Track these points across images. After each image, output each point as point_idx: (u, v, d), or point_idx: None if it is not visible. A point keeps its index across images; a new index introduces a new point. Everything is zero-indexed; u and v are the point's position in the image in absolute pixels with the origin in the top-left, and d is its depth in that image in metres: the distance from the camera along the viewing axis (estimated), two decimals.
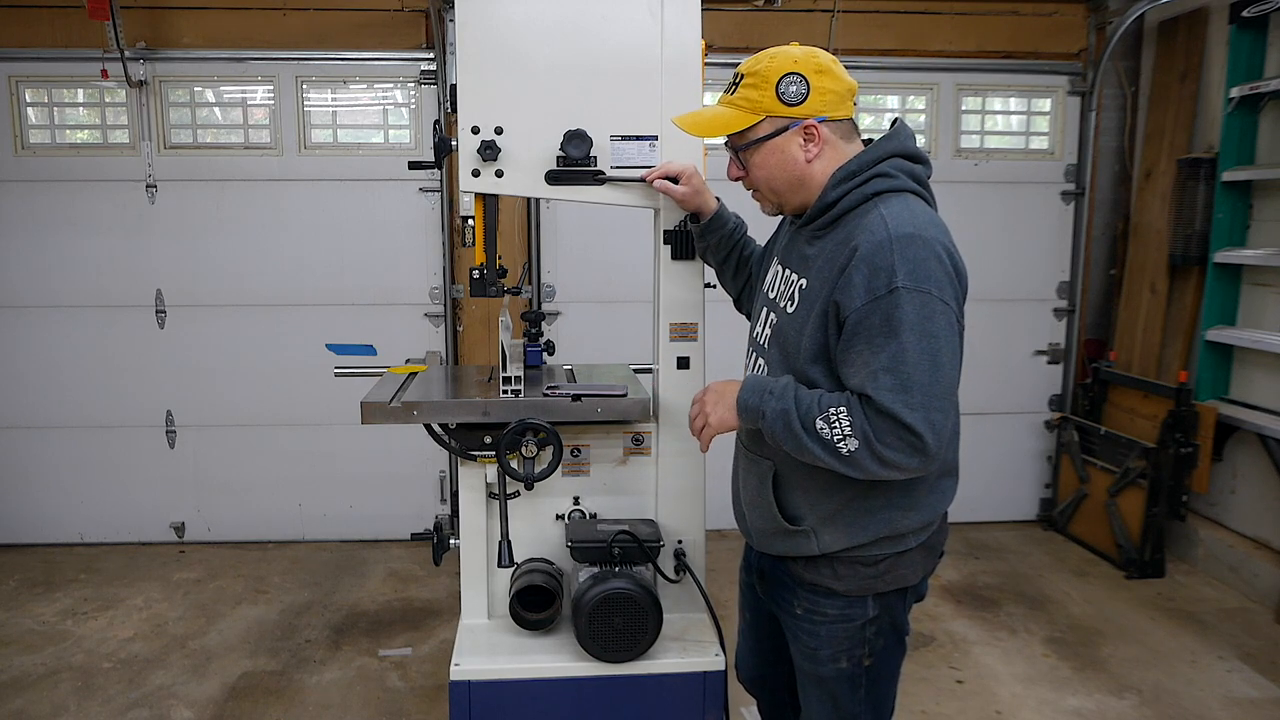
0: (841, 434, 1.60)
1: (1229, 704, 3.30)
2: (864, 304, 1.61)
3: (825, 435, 1.62)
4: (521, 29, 2.12)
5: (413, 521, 4.28)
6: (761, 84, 1.74)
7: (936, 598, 4.16)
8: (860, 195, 1.71)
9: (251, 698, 3.33)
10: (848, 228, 1.71)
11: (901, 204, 1.69)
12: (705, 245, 2.21)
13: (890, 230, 1.62)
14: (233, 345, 4.76)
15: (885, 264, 1.60)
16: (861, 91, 5.43)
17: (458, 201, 4.53)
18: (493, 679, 2.13)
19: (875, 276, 1.60)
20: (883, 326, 1.59)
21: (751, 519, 1.94)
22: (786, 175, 1.78)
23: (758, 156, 1.79)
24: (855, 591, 1.80)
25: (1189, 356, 4.62)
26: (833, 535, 1.78)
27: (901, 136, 1.77)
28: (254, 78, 4.67)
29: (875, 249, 1.61)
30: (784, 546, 1.85)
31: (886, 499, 1.75)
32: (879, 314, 1.59)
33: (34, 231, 4.64)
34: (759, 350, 1.93)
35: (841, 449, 1.61)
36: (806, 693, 1.94)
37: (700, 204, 2.16)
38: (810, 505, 1.80)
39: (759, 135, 1.77)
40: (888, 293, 1.58)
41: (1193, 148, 4.64)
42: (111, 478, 4.82)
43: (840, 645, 1.83)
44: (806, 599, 1.84)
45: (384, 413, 2.17)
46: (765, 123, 1.76)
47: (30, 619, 3.96)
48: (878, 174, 1.72)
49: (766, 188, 1.83)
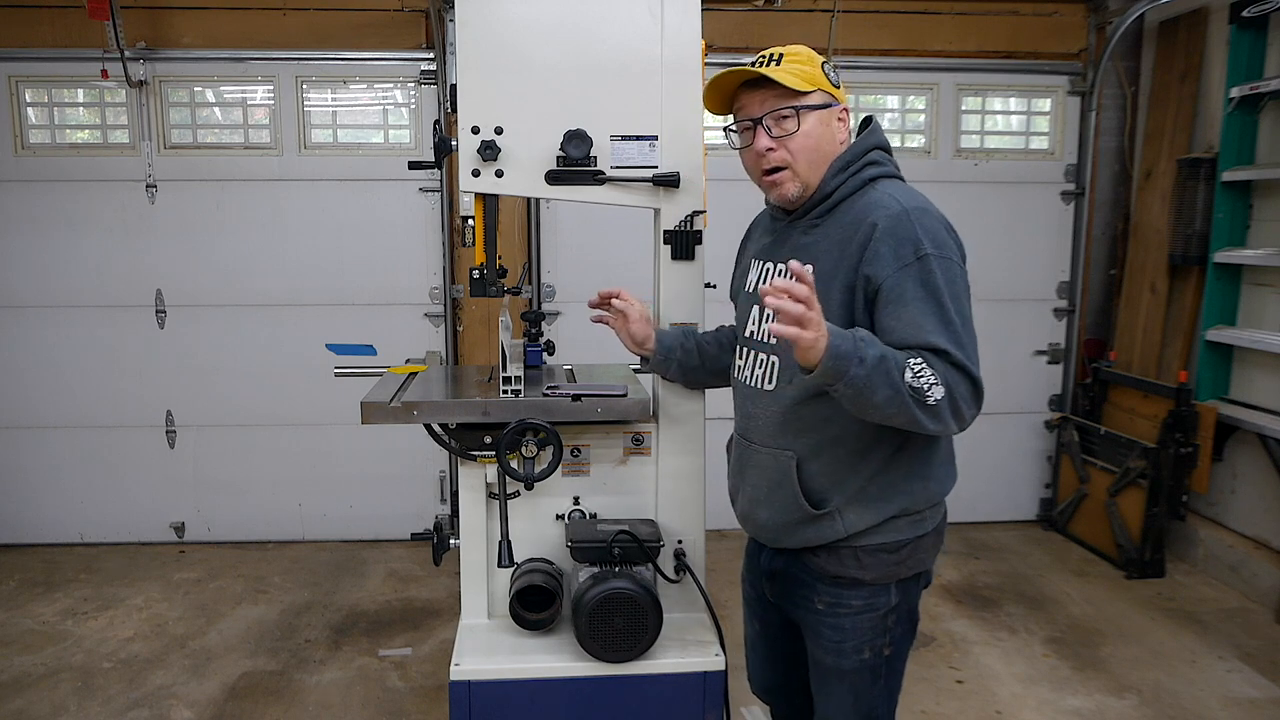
0: (929, 382, 1.63)
1: (1229, 704, 3.30)
2: (895, 271, 1.69)
3: (916, 384, 1.63)
4: (521, 29, 2.12)
5: (413, 521, 4.28)
6: (809, 63, 1.83)
7: (936, 598, 4.16)
8: (857, 182, 1.82)
9: (251, 698, 3.33)
10: (851, 211, 1.80)
11: (896, 185, 1.82)
12: (678, 364, 2.16)
13: (904, 204, 1.74)
14: (233, 345, 4.76)
15: (908, 234, 1.70)
16: (861, 91, 5.45)
17: (458, 201, 4.53)
18: (493, 679, 2.13)
19: (902, 246, 1.69)
20: (920, 290, 1.68)
21: (768, 515, 1.91)
22: (823, 150, 1.84)
23: (808, 123, 1.82)
24: (880, 579, 1.84)
25: (1189, 356, 4.62)
26: (858, 513, 1.81)
27: (879, 132, 1.90)
28: (254, 78, 4.68)
29: (895, 222, 1.71)
30: (806, 536, 1.85)
31: (908, 469, 1.82)
32: (912, 279, 1.68)
33: (34, 231, 4.64)
34: (753, 345, 1.94)
35: (929, 398, 1.63)
36: (827, 689, 1.94)
37: (647, 332, 2.17)
38: (837, 485, 1.82)
39: (813, 103, 1.82)
40: (916, 259, 1.68)
41: (1193, 148, 4.64)
42: (111, 478, 4.82)
43: (864, 636, 1.86)
44: (828, 593, 1.86)
45: (384, 413, 2.16)
46: (817, 94, 1.83)
47: (30, 619, 3.96)
48: (869, 162, 1.84)
49: (804, 158, 1.82)
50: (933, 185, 1.84)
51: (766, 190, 1.90)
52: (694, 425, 2.29)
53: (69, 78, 4.66)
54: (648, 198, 2.20)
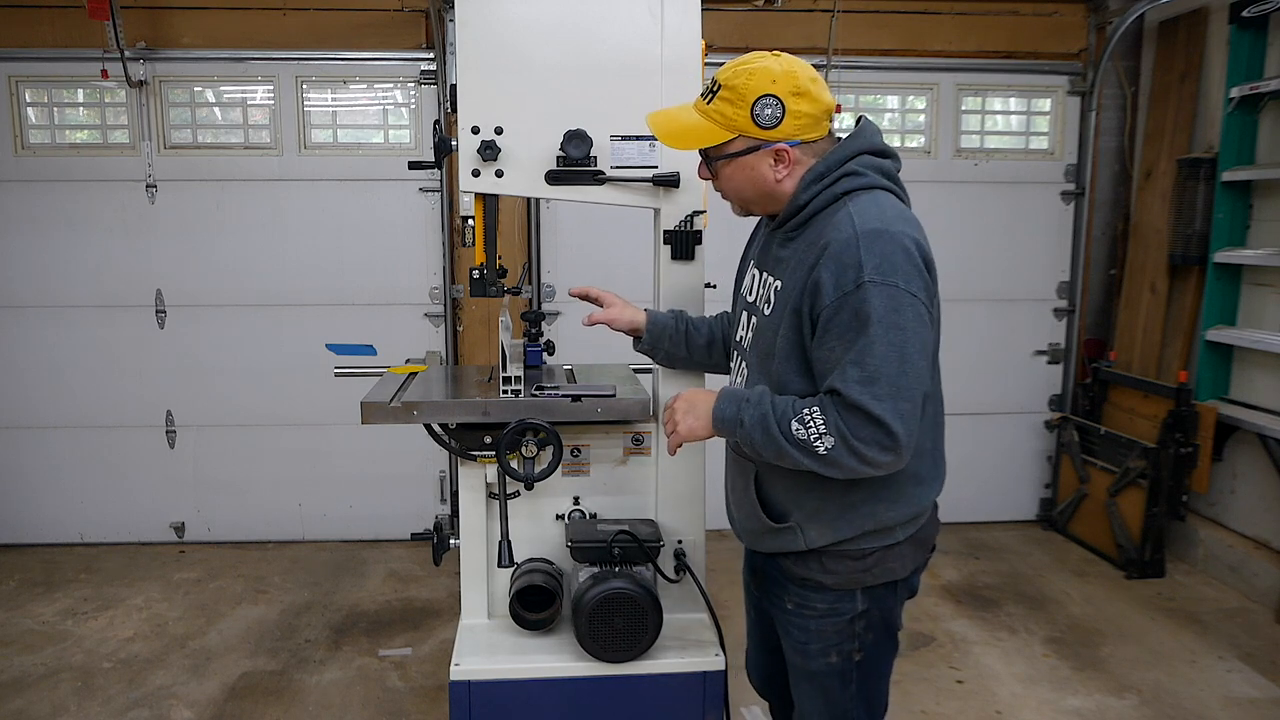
0: (817, 433, 1.61)
1: (1229, 704, 3.30)
2: (833, 300, 1.62)
3: (801, 437, 1.63)
4: (521, 29, 2.12)
5: (413, 521, 4.27)
6: (737, 101, 1.71)
7: (936, 598, 4.16)
8: (830, 195, 1.72)
9: (251, 698, 3.33)
10: (818, 227, 1.72)
11: (870, 200, 1.70)
12: (664, 353, 2.19)
13: (856, 227, 1.64)
14: (233, 345, 4.76)
15: (852, 260, 1.61)
16: (861, 91, 5.45)
17: (458, 201, 4.52)
18: (493, 679, 2.13)
19: (843, 273, 1.62)
20: (851, 321, 1.60)
21: (740, 520, 1.97)
22: (755, 190, 1.80)
23: (727, 170, 1.79)
24: (843, 585, 1.81)
25: (1189, 356, 4.62)
26: (818, 531, 1.79)
27: (867, 134, 1.78)
28: (254, 78, 4.67)
29: (843, 246, 1.63)
30: (773, 544, 1.87)
31: (869, 492, 1.75)
32: (848, 309, 1.61)
33: (34, 231, 4.64)
34: (741, 353, 1.95)
35: (819, 448, 1.61)
36: (799, 688, 1.95)
37: (631, 318, 2.18)
38: (794, 502, 1.81)
39: (731, 151, 1.76)
40: (855, 288, 1.60)
41: (1193, 148, 4.64)
42: (111, 478, 4.82)
43: (829, 639, 1.84)
44: (797, 594, 1.86)
45: (384, 413, 2.16)
46: (738, 140, 1.75)
47: (30, 619, 3.96)
48: (846, 173, 1.72)
49: (735, 197, 1.85)
50: (933, 185, 1.83)
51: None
52: None
53: (69, 78, 4.65)
54: (648, 198, 2.21)
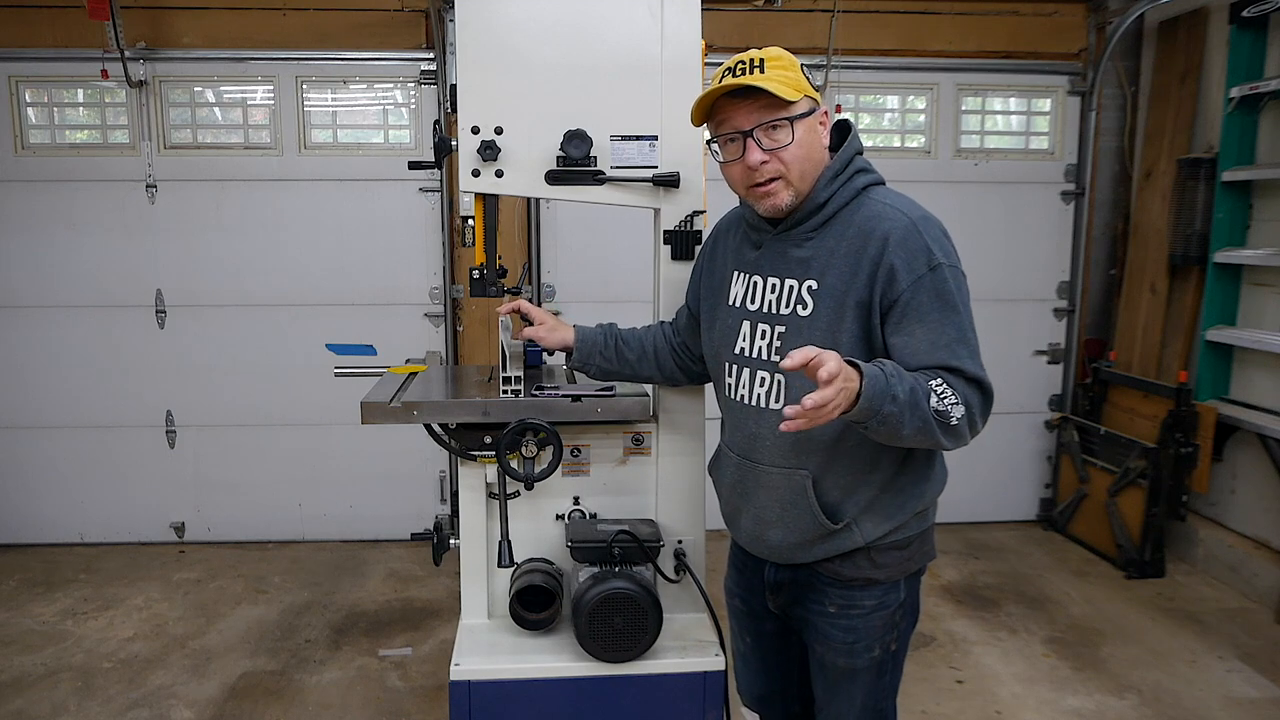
0: (951, 404, 1.64)
1: (1229, 704, 3.30)
2: (909, 284, 1.69)
3: (940, 408, 1.63)
4: (521, 29, 2.12)
5: (413, 521, 4.26)
6: (791, 68, 1.76)
7: (936, 597, 4.16)
8: (850, 191, 1.79)
9: (251, 698, 3.33)
10: (853, 222, 1.76)
11: (889, 192, 1.80)
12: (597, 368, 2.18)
13: (909, 215, 1.73)
14: (233, 345, 4.76)
15: (919, 245, 1.70)
16: (861, 91, 5.45)
17: (458, 201, 4.53)
18: (493, 679, 2.13)
19: (914, 258, 1.69)
20: (934, 302, 1.68)
21: (781, 536, 1.87)
22: (813, 158, 1.79)
23: (801, 131, 1.75)
24: (893, 577, 1.86)
25: (1189, 356, 4.62)
26: (874, 522, 1.82)
27: (858, 137, 1.87)
28: (254, 78, 4.67)
29: (905, 233, 1.71)
30: (823, 549, 1.84)
31: (915, 473, 1.84)
32: (926, 291, 1.68)
33: (34, 231, 4.64)
34: (757, 365, 1.85)
35: (951, 419, 1.63)
36: (835, 690, 1.93)
37: (561, 338, 2.18)
38: (850, 498, 1.82)
39: (799, 112, 1.76)
40: (929, 270, 1.69)
41: (1193, 148, 4.64)
42: (111, 478, 4.82)
43: (875, 635, 1.88)
44: (841, 596, 1.86)
45: (384, 413, 2.16)
46: (804, 101, 1.77)
47: (30, 619, 3.96)
48: (858, 169, 1.81)
49: (797, 169, 1.76)
50: (933, 185, 1.84)
51: (756, 201, 1.80)
52: (694, 425, 2.29)
53: (69, 78, 4.65)
54: (647, 198, 2.20)
